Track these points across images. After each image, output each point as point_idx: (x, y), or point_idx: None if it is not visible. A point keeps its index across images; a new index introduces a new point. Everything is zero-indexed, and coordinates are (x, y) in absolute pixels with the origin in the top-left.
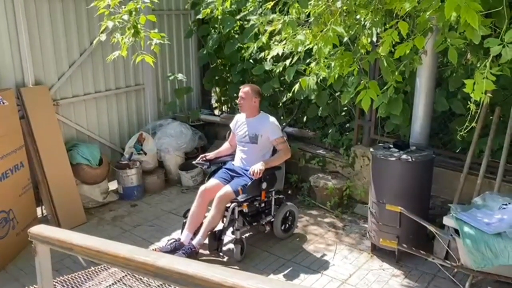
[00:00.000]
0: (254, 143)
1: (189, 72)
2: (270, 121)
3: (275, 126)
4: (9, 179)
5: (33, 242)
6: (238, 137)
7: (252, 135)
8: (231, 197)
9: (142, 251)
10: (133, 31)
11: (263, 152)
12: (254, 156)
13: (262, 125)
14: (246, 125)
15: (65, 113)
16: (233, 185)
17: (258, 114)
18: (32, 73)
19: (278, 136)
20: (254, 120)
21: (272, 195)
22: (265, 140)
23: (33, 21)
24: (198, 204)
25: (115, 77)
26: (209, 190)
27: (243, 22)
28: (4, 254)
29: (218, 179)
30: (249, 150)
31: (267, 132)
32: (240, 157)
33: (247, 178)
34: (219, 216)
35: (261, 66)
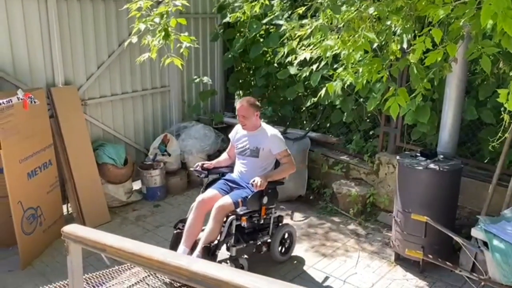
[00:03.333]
0: (255, 156)
1: (213, 75)
2: (273, 134)
3: (278, 139)
4: (38, 176)
5: (65, 241)
6: (238, 150)
7: (253, 148)
8: (230, 209)
9: (175, 255)
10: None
11: (264, 166)
12: (254, 170)
13: (264, 138)
14: (247, 138)
15: (92, 113)
16: (233, 196)
17: (259, 127)
18: (62, 73)
19: (282, 150)
20: (255, 133)
21: (272, 213)
22: (267, 154)
23: (64, 23)
24: (195, 216)
25: (142, 79)
26: (206, 201)
27: (269, 26)
28: (31, 250)
29: (217, 189)
30: (249, 164)
31: (269, 145)
32: (239, 170)
33: (248, 190)
34: (218, 228)
35: (286, 70)
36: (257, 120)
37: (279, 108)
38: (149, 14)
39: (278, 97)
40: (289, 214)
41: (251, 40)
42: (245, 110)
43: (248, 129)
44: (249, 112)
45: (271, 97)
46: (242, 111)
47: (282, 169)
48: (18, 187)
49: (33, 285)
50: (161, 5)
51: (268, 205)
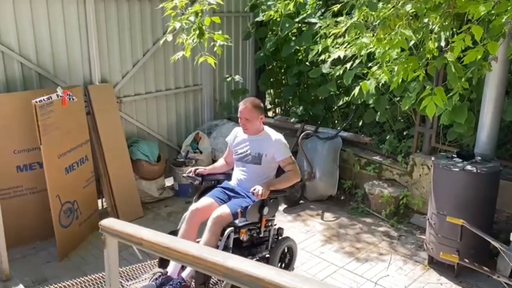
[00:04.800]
0: (257, 163)
1: (245, 74)
2: (278, 139)
3: (282, 144)
4: (75, 171)
5: (103, 235)
6: (238, 156)
7: (255, 154)
8: (228, 220)
9: (210, 250)
10: (198, 32)
11: (266, 174)
12: (255, 178)
13: (267, 143)
14: (249, 143)
15: (127, 111)
16: (232, 206)
17: (262, 131)
18: (99, 71)
19: (287, 156)
20: (258, 137)
21: (272, 225)
22: (270, 161)
23: (101, 22)
24: (188, 227)
25: (175, 78)
26: (201, 211)
27: (301, 25)
28: (68, 242)
29: (213, 198)
30: (249, 171)
31: (273, 151)
32: (238, 178)
33: (249, 200)
34: (214, 242)
35: (318, 69)
36: (261, 124)
37: (310, 107)
38: (183, 12)
39: (309, 96)
40: (319, 214)
41: (283, 39)
42: (248, 112)
43: (250, 133)
44: (252, 115)
45: (303, 96)
46: (245, 113)
47: (286, 178)
48: (56, 181)
49: (70, 276)
50: (195, 3)
51: (268, 217)
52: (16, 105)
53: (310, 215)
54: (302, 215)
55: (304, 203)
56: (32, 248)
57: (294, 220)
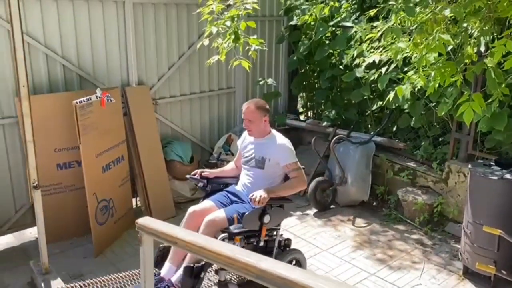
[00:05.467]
0: (260, 168)
1: (277, 77)
2: (282, 143)
3: (287, 148)
4: (112, 170)
5: (139, 233)
6: (244, 159)
7: (259, 158)
8: (222, 225)
9: (243, 251)
10: (233, 36)
11: (270, 179)
12: (259, 183)
13: (271, 147)
14: (254, 146)
15: (162, 112)
16: (229, 210)
17: (268, 134)
18: (135, 74)
19: (291, 161)
20: (263, 141)
21: (277, 235)
22: (274, 166)
23: (139, 26)
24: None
25: (209, 80)
26: (199, 213)
27: (335, 28)
28: (103, 239)
29: (214, 201)
30: (254, 176)
31: (276, 155)
32: (243, 182)
33: (249, 206)
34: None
35: (351, 73)
36: (266, 126)
37: (343, 111)
38: (219, 17)
39: (342, 99)
40: (350, 220)
41: (317, 42)
42: (251, 113)
43: (255, 136)
44: (255, 115)
45: (335, 100)
46: (248, 114)
47: (290, 185)
48: (93, 180)
49: (105, 272)
50: (231, 8)
51: (270, 225)
52: (57, 105)
53: (341, 220)
54: (333, 220)
55: (335, 208)
56: (70, 243)
57: (325, 225)
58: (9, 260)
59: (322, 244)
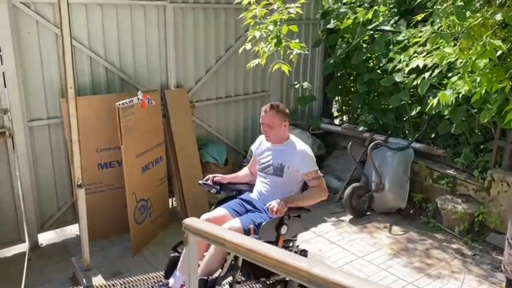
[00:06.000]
0: (278, 175)
1: (313, 81)
2: (302, 149)
3: (307, 156)
4: (150, 171)
5: (185, 233)
6: (260, 165)
7: (277, 165)
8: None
9: (293, 255)
10: (275, 40)
11: (289, 188)
12: (276, 191)
13: (291, 154)
14: (271, 152)
15: (198, 115)
16: (245, 220)
17: (287, 140)
18: (174, 77)
19: (311, 170)
20: (282, 147)
21: (293, 246)
22: (293, 173)
23: (179, 30)
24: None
25: (244, 84)
26: (212, 221)
27: (373, 32)
28: (141, 238)
29: (228, 209)
30: (271, 184)
31: (296, 163)
32: (259, 190)
33: (265, 215)
34: (219, 258)
35: (390, 77)
36: (285, 131)
37: (380, 116)
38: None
39: (379, 104)
40: (387, 227)
41: (354, 46)
42: (270, 118)
43: (273, 141)
44: (275, 120)
45: (372, 104)
46: (266, 119)
47: (309, 195)
48: (133, 180)
49: (142, 271)
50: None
51: (287, 236)
52: (100, 106)
53: (377, 227)
54: (369, 227)
55: (371, 214)
56: (108, 241)
57: (360, 232)
58: (51, 256)
59: (358, 251)
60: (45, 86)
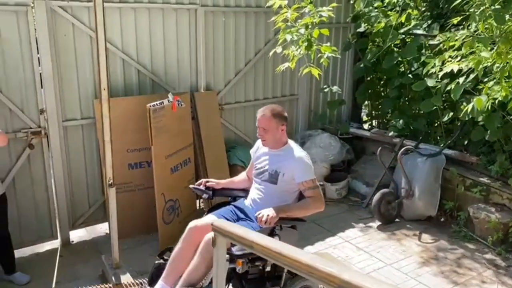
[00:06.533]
0: (273, 182)
1: (342, 85)
2: (299, 156)
3: (304, 163)
4: (179, 172)
5: (213, 234)
6: (255, 171)
7: (272, 172)
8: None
9: (323, 260)
10: (306, 44)
11: (283, 197)
12: (270, 200)
13: (287, 160)
14: (268, 158)
15: (227, 117)
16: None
17: (284, 144)
18: (204, 79)
19: (308, 179)
20: (278, 152)
21: None
22: (288, 181)
23: (209, 33)
24: (183, 246)
25: (273, 87)
26: (200, 229)
27: (405, 36)
28: (169, 238)
29: (218, 216)
30: (265, 191)
31: (292, 170)
32: (252, 197)
33: (256, 225)
34: (203, 268)
35: (422, 82)
36: (283, 135)
37: (411, 121)
38: (293, 25)
39: (410, 109)
40: (416, 235)
41: (386, 50)
42: (266, 121)
43: (270, 146)
44: (271, 124)
45: (403, 109)
46: (262, 122)
47: (304, 205)
48: (162, 180)
49: None
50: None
51: None
52: (132, 108)
53: (406, 234)
54: (397, 234)
55: (400, 221)
56: (137, 240)
57: (388, 239)
58: (81, 253)
59: (386, 258)
60: (79, 87)
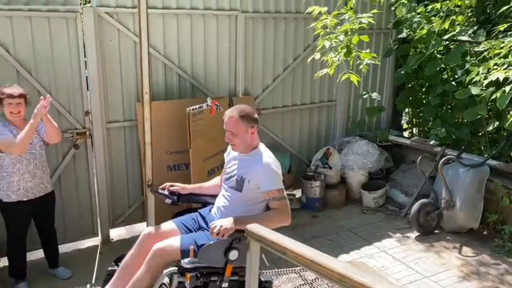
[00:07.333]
0: (238, 190)
1: (382, 91)
2: (266, 163)
3: (270, 171)
4: (216, 175)
5: (247, 238)
6: (224, 175)
7: (238, 178)
8: (174, 257)
9: (357, 270)
10: (345, 50)
11: (249, 206)
12: (235, 208)
13: (254, 166)
14: (237, 162)
15: (264, 122)
16: (186, 239)
17: (254, 149)
18: (242, 84)
19: (273, 188)
20: (247, 157)
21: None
22: (253, 190)
23: (249, 39)
24: (135, 253)
25: (311, 93)
26: (155, 236)
27: (449, 42)
28: None
29: (177, 224)
30: (230, 199)
31: (257, 178)
32: (218, 205)
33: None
34: (148, 279)
35: (466, 90)
36: (253, 139)
37: (453, 130)
38: (332, 31)
39: (453, 118)
40: (456, 248)
41: (428, 57)
42: (234, 124)
43: (239, 151)
44: (239, 127)
45: (445, 118)
46: (230, 125)
47: (267, 217)
48: (199, 182)
49: None
50: (345, 22)
51: (239, 263)
52: (172, 111)
53: (445, 247)
54: (436, 246)
55: (440, 233)
56: None
57: (427, 250)
58: (120, 251)
59: (424, 270)
60: (123, 90)
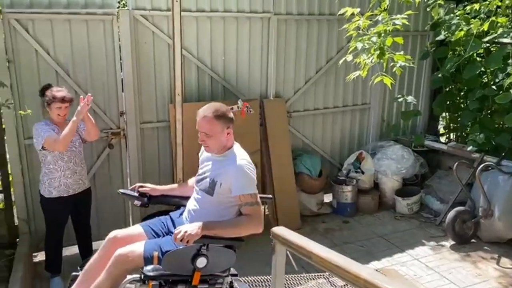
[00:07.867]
0: (209, 193)
1: (418, 95)
2: (239, 165)
3: (243, 173)
4: None
5: (273, 241)
6: (197, 177)
7: (210, 180)
8: (137, 264)
9: (383, 277)
10: (378, 52)
11: (221, 211)
12: (205, 213)
13: (226, 167)
14: (211, 163)
15: (295, 125)
16: (150, 245)
17: (229, 149)
18: (274, 87)
19: (246, 193)
20: (220, 158)
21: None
22: (225, 193)
23: (281, 41)
24: (99, 257)
25: (344, 95)
26: (121, 240)
27: (489, 45)
28: None
29: (145, 228)
30: (201, 202)
31: (229, 181)
32: (189, 208)
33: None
34: (107, 286)
35: (507, 94)
36: (229, 139)
37: (493, 136)
38: (365, 33)
39: (493, 123)
40: (494, 258)
41: (467, 60)
42: (208, 124)
43: (214, 152)
44: (214, 127)
45: (485, 123)
46: (203, 125)
47: (237, 223)
48: None
49: None
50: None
51: (208, 271)
52: None
53: (482, 257)
54: (473, 256)
55: (477, 242)
56: None
57: (462, 260)
58: None
59: (459, 280)
60: (156, 91)
